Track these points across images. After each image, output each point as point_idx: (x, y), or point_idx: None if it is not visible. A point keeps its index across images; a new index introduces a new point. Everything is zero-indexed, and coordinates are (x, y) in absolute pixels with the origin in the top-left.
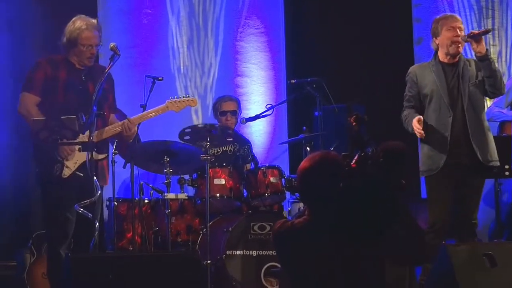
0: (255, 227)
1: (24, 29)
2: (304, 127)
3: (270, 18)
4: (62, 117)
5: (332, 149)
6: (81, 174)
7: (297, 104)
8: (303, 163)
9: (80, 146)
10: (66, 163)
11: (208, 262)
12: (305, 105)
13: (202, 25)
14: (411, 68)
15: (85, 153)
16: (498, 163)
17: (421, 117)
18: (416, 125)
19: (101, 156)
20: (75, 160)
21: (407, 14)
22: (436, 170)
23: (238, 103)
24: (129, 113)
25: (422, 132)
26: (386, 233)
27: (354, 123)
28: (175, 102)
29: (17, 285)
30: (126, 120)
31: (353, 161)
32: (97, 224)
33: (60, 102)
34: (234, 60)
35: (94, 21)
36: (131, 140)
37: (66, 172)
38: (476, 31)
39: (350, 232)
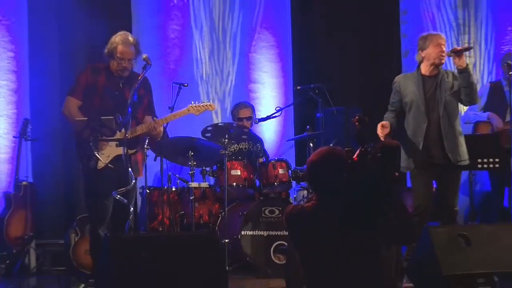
0: (266, 211)
1: (70, 44)
2: (308, 127)
3: (279, 34)
4: (102, 117)
5: (331, 144)
6: (112, 166)
7: (302, 107)
8: (311, 157)
9: (117, 142)
10: (100, 156)
11: (226, 241)
12: (309, 108)
13: (222, 39)
14: (396, 78)
15: (116, 148)
16: (467, 162)
17: (385, 122)
18: (379, 129)
19: (131, 151)
20: (107, 154)
21: (396, 31)
22: (412, 168)
23: (253, 109)
24: (160, 114)
25: (382, 135)
26: (383, 221)
27: (357, 123)
28: (195, 106)
29: (64, 260)
30: (152, 121)
31: (355, 155)
32: (132, 208)
33: (96, 106)
34: (249, 69)
35: (131, 38)
36: (158, 138)
37: (100, 164)
38: (458, 48)
39: (353, 218)
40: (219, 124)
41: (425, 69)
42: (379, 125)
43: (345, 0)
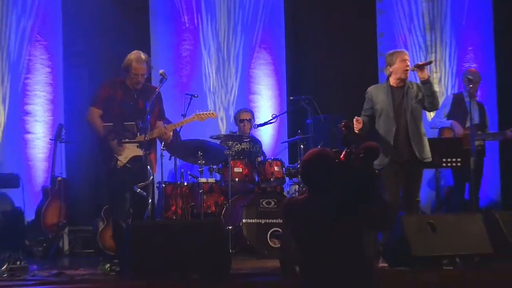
0: (263, 203)
1: (98, 61)
2: (299, 131)
3: (275, 52)
4: (124, 123)
5: (319, 146)
6: (129, 166)
7: (294, 114)
8: (304, 157)
9: (137, 144)
10: (119, 158)
11: (230, 227)
12: (300, 115)
13: (226, 57)
14: (369, 88)
15: (134, 149)
16: (430, 159)
17: (359, 118)
18: (354, 122)
19: (147, 152)
20: (125, 155)
21: (374, 50)
22: (384, 165)
23: (252, 113)
24: (174, 120)
25: (357, 128)
26: (368, 214)
27: (343, 128)
28: (200, 114)
29: (92, 244)
30: (162, 127)
31: (342, 155)
32: (150, 200)
33: (115, 114)
34: (249, 82)
35: (143, 56)
36: (169, 142)
37: (119, 164)
38: (421, 63)
39: (342, 211)
40: (226, 135)
41: (393, 81)
42: (354, 120)
43: (331, 24)
